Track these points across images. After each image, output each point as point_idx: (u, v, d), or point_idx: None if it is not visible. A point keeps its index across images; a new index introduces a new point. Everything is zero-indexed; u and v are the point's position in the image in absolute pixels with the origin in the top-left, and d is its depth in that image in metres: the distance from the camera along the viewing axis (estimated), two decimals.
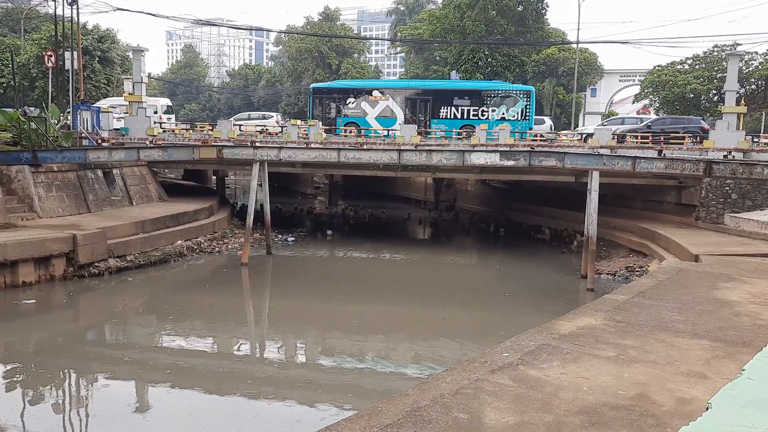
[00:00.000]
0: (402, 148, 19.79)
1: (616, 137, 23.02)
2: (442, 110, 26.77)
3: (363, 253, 19.99)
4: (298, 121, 23.86)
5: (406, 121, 25.33)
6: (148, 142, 22.14)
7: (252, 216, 17.61)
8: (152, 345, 10.90)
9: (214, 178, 32.07)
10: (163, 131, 24.52)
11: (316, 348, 10.98)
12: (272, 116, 35.46)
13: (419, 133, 23.70)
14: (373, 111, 26.98)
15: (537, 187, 24.32)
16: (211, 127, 25.45)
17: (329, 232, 23.13)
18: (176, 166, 25.51)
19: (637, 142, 22.85)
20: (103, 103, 29.37)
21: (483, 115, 26.32)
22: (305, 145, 21.35)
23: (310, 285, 15.06)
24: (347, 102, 27.05)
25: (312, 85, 28.62)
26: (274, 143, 21.21)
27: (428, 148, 19.77)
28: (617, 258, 17.90)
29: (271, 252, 18.63)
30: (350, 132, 25.05)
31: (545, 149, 19.65)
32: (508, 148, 20.26)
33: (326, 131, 24.54)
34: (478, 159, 17.53)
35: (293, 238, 21.33)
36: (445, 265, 18.77)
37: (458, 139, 23.58)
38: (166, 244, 16.80)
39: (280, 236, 21.34)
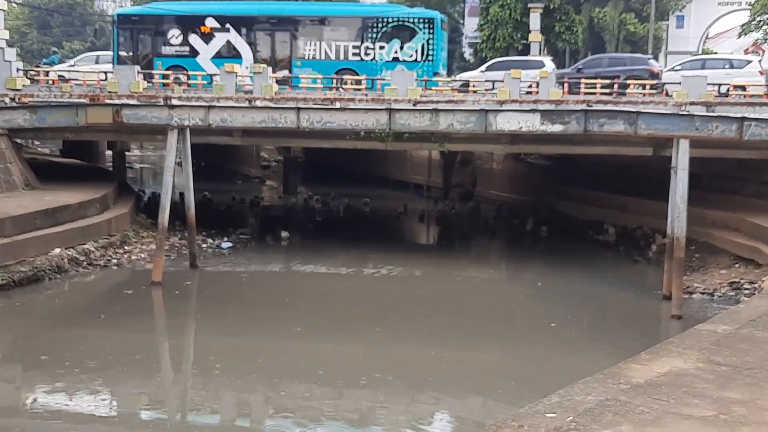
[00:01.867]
0: (394, 106, 19.81)
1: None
2: (308, 47, 27.35)
3: (336, 267, 20.00)
4: (236, 66, 23.76)
5: (257, 63, 25.70)
6: (7, 100, 21.94)
7: (167, 211, 17.57)
8: (16, 407, 10.83)
9: (109, 153, 31.94)
10: (32, 82, 24.33)
11: (265, 409, 11.00)
12: None
13: (279, 82, 24.04)
14: (207, 48, 27.33)
15: (596, 164, 24.45)
16: (103, 76, 25.32)
17: (284, 234, 23.09)
18: (52, 136, 25.29)
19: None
20: None
21: (367, 55, 26.97)
22: (247, 103, 21.29)
23: (255, 315, 15.06)
24: (168, 36, 27.34)
25: (116, 11, 28.67)
26: (201, 100, 21.12)
27: (434, 106, 19.83)
28: (716, 269, 18.09)
29: (197, 265, 18.62)
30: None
31: (608, 107, 19.80)
32: (553, 106, 20.37)
33: (279, 82, 24.52)
34: (507, 122, 17.62)
35: (230, 244, 21.32)
36: (459, 282, 18.83)
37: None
38: (36, 255, 16.64)
39: (210, 241, 21.31)
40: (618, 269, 19.84)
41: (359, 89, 24.57)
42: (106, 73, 25.26)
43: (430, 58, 26.92)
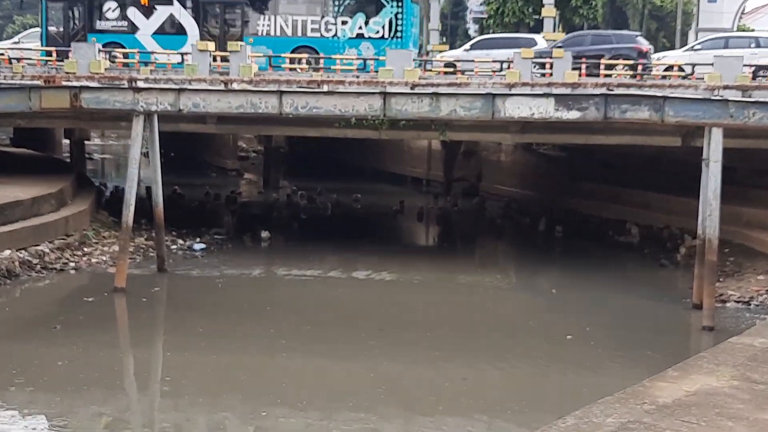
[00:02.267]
0: (389, 89, 19.82)
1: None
2: (261, 22, 27.44)
3: (324, 272, 20.02)
4: (209, 44, 23.75)
5: (204, 39, 25.79)
6: None
7: (132, 207, 17.59)
8: None
9: (66, 142, 31.91)
10: None
11: None
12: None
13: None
14: (147, 24, 27.39)
15: (618, 155, 24.50)
16: (56, 56, 25.26)
17: (265, 234, 23.14)
18: (1, 123, 25.23)
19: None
20: None
21: (328, 31, 27.11)
22: (223, 86, 21.27)
23: (233, 326, 15.06)
24: (104, 9, 27.38)
25: None
26: (171, 83, 21.10)
27: (434, 90, 19.84)
28: (753, 275, 18.15)
29: (166, 269, 18.64)
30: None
31: (631, 91, 19.83)
32: (569, 90, 20.39)
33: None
34: (517, 108, 17.60)
35: (203, 246, 21.34)
36: (463, 289, 18.87)
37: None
38: None
39: (180, 242, 21.34)
40: (642, 275, 19.88)
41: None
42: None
43: (398, 34, 27.03)
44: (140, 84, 20.74)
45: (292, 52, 26.28)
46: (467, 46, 29.19)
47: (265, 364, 13.21)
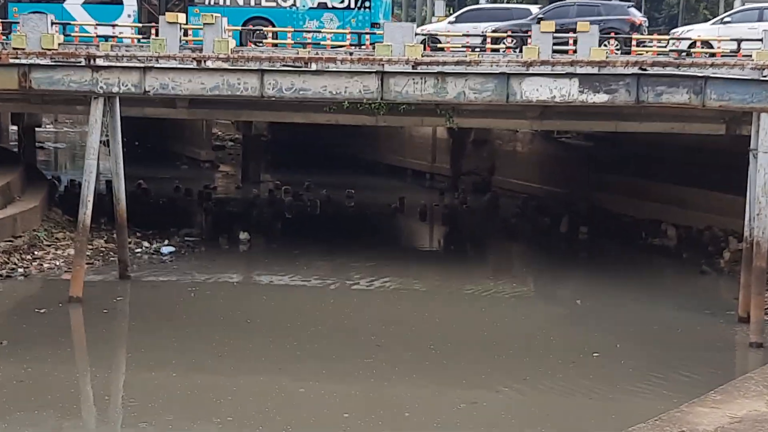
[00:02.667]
0: (388, 68, 19.81)
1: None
2: None
3: (311, 278, 19.98)
4: (179, 16, 23.68)
5: (143, 11, 25.72)
6: None
7: (90, 205, 17.54)
8: None
9: (13, 129, 31.79)
10: None
11: None
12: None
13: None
14: None
15: (652, 145, 24.44)
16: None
17: (244, 235, 23.15)
18: None
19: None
20: None
21: (285, 0, 27.18)
22: (195, 63, 21.23)
23: (207, 341, 15.03)
24: None
25: None
26: (135, 60, 21.06)
27: (440, 69, 19.84)
28: None
29: (129, 275, 18.63)
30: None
31: (668, 71, 19.83)
32: (595, 69, 20.39)
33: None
34: (536, 90, 17.59)
35: (172, 249, 21.34)
36: (473, 299, 18.86)
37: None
38: None
39: (146, 244, 21.33)
40: (679, 283, 19.88)
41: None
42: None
43: (366, 4, 27.17)
44: (100, 62, 20.68)
45: (244, 24, 26.38)
46: (452, 17, 29.21)
47: (245, 386, 13.15)
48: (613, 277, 19.79)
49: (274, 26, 26.45)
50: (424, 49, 24.76)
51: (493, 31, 26.38)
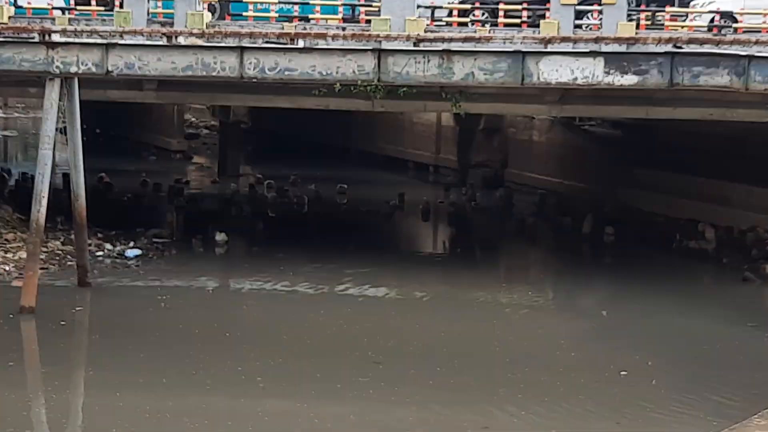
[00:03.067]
0: (385, 45, 19.87)
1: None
2: None
3: (299, 285, 20.04)
4: None
5: None
6: None
7: (45, 201, 17.55)
8: None
9: None
10: None
11: None
12: None
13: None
14: None
15: (688, 135, 24.48)
16: None
17: (221, 237, 23.27)
18: None
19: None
20: None
21: None
22: (165, 40, 21.23)
23: (180, 358, 15.03)
24: None
25: None
26: (96, 36, 21.12)
27: (445, 46, 19.90)
28: None
29: (89, 282, 18.63)
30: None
31: (706, 49, 19.88)
32: (623, 47, 20.47)
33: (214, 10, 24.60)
34: (555, 71, 17.64)
35: (138, 251, 21.42)
36: (484, 309, 18.93)
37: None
38: None
39: (108, 247, 21.38)
40: (719, 291, 19.94)
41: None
42: None
43: None
44: (56, 38, 20.64)
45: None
46: None
47: (223, 409, 13.11)
48: (643, 285, 19.83)
49: None
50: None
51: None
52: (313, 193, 29.67)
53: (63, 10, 24.84)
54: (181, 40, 20.94)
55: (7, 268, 19.04)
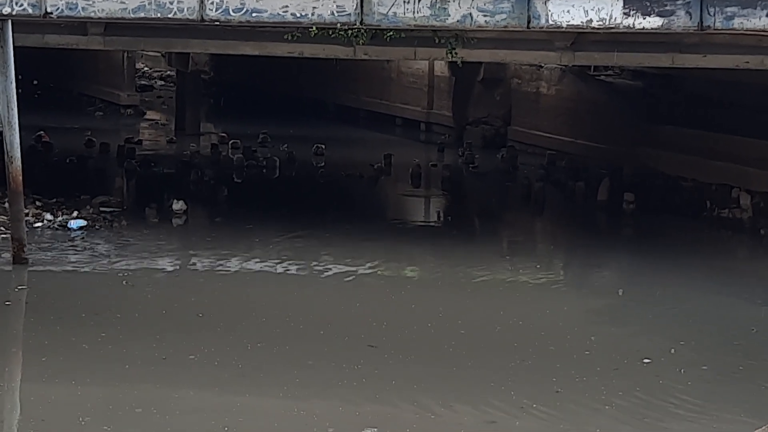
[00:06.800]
0: None
1: None
2: None
3: (271, 263, 20.16)
4: None
5: None
6: None
7: None
8: None
9: None
10: None
11: None
12: None
13: None
14: None
15: (720, 86, 24.54)
16: None
17: (178, 205, 23.32)
18: None
19: None
20: None
21: None
22: None
23: (137, 345, 14.99)
24: None
25: None
26: None
27: None
28: None
29: (26, 258, 18.68)
30: None
31: None
32: None
33: None
34: (566, 12, 17.64)
35: (83, 222, 21.48)
36: (485, 289, 19.05)
37: None
38: None
39: (49, 217, 21.46)
40: (756, 267, 20.00)
41: None
42: None
43: None
44: None
45: None
46: None
47: (192, 400, 13.01)
48: (667, 260, 19.94)
49: None
50: None
51: None
52: (285, 154, 29.70)
53: None
54: None
55: None
